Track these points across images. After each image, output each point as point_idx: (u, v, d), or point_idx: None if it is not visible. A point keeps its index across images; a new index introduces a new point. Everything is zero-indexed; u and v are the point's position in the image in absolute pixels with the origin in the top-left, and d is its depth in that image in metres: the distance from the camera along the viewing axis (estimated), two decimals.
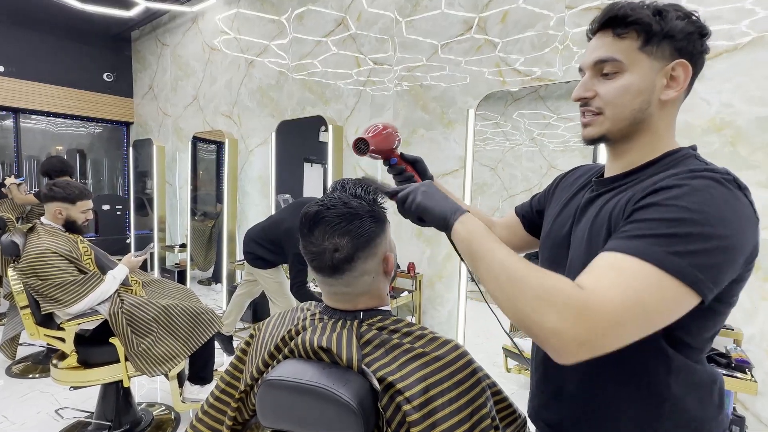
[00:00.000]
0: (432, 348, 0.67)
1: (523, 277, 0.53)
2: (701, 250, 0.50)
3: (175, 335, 1.86)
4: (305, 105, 3.29)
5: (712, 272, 0.51)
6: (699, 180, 0.54)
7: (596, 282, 0.51)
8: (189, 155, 4.14)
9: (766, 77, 1.66)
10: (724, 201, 0.53)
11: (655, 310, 0.50)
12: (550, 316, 0.49)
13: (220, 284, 4.15)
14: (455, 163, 2.53)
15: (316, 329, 0.69)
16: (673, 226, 0.51)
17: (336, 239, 0.68)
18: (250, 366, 0.75)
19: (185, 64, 4.39)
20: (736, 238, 0.52)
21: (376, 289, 0.74)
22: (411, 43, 2.66)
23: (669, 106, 0.64)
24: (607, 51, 0.63)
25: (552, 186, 0.89)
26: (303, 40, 3.25)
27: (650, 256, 0.50)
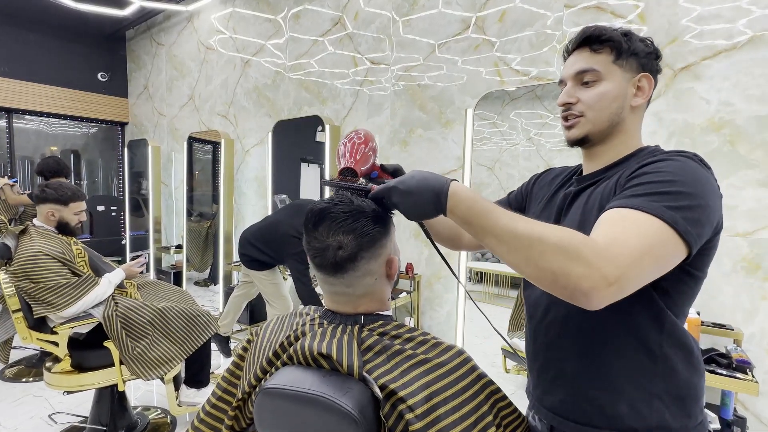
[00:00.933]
0: (435, 354, 0.65)
1: (540, 236, 0.56)
2: (688, 206, 0.59)
3: (170, 338, 1.84)
4: (302, 105, 3.27)
5: (697, 226, 0.59)
6: (678, 156, 0.66)
7: (609, 230, 0.57)
8: (185, 156, 4.11)
9: (765, 75, 1.65)
10: (699, 172, 0.63)
11: (661, 255, 0.58)
12: (577, 267, 0.53)
13: (217, 285, 4.12)
14: (453, 163, 2.51)
15: (316, 335, 0.67)
16: (664, 186, 0.61)
17: (340, 236, 0.67)
18: (247, 373, 0.73)
19: (180, 63, 4.36)
20: (712, 201, 0.62)
21: (378, 292, 0.72)
22: (408, 42, 2.64)
23: (637, 111, 0.75)
24: (586, 63, 0.73)
25: (529, 184, 0.96)
26: (299, 40, 3.22)
27: (651, 209, 0.58)
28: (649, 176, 0.63)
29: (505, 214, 0.60)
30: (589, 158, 0.79)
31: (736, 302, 1.73)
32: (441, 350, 0.66)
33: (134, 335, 1.74)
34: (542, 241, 0.56)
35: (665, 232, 0.57)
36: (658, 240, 0.57)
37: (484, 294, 2.59)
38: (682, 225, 0.57)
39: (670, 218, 0.57)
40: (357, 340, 0.65)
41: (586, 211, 0.72)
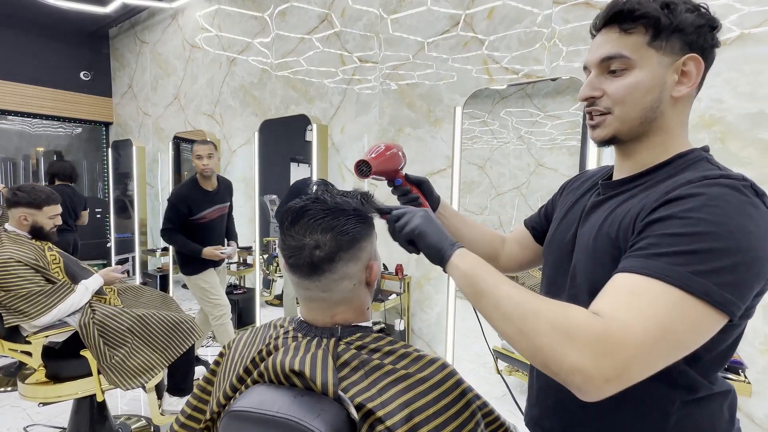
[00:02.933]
0: (416, 369, 0.61)
1: (536, 312, 0.50)
2: (726, 266, 0.47)
3: (151, 346, 1.78)
4: (289, 103, 3.20)
5: (739, 289, 0.48)
6: (715, 188, 0.51)
7: (615, 309, 0.48)
8: (170, 156, 4.02)
9: (756, 72, 1.64)
10: (744, 210, 0.49)
11: (684, 336, 0.47)
12: (570, 354, 0.46)
13: None
14: (443, 162, 2.47)
15: (289, 349, 0.62)
16: (694, 241, 0.48)
17: (318, 235, 0.62)
18: (217, 390, 0.68)
19: (165, 62, 4.26)
20: (761, 249, 0.49)
21: (356, 300, 0.68)
22: (396, 40, 2.60)
23: (681, 103, 0.61)
24: (613, 47, 0.60)
25: (558, 192, 0.87)
26: (286, 37, 3.16)
27: (672, 277, 0.47)
28: (673, 223, 0.50)
29: (505, 281, 0.55)
30: (620, 157, 0.66)
31: None
32: (423, 364, 0.62)
33: (112, 343, 1.68)
34: (537, 316, 0.49)
35: (692, 307, 0.46)
36: (680, 319, 0.46)
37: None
38: (716, 294, 0.46)
39: (699, 288, 0.46)
40: (333, 355, 0.60)
41: (600, 237, 0.61)
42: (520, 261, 0.92)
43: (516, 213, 2.33)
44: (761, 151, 1.65)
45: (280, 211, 2.21)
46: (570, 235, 0.69)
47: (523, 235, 0.91)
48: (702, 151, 0.61)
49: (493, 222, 2.39)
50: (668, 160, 0.60)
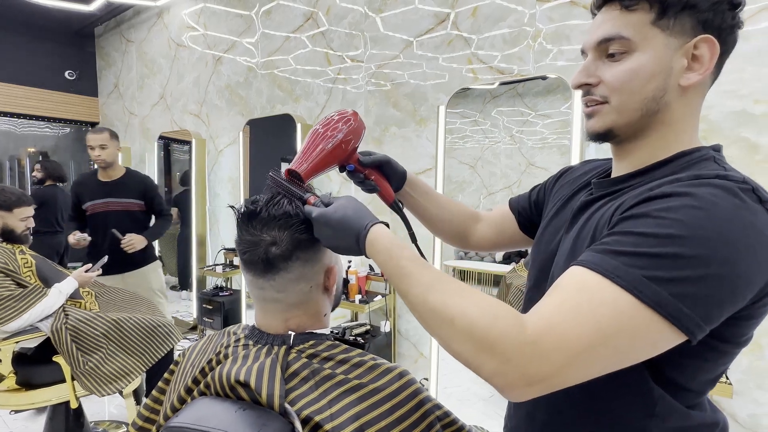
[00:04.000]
0: (370, 378, 0.58)
1: (452, 317, 0.45)
2: (689, 277, 0.41)
3: (127, 351, 1.74)
4: (275, 103, 3.17)
5: (702, 305, 0.42)
6: (706, 188, 0.44)
7: (555, 311, 0.43)
8: (155, 157, 3.96)
9: (738, 70, 1.62)
10: (734, 216, 0.42)
11: (627, 346, 0.42)
12: (489, 360, 0.43)
13: (186, 291, 4.00)
14: (428, 161, 2.45)
15: (237, 359, 0.59)
16: (660, 244, 0.42)
17: (276, 232, 0.60)
18: (167, 401, 0.65)
19: (151, 61, 4.21)
20: (743, 264, 0.42)
21: (313, 304, 0.65)
22: (382, 38, 2.57)
23: (691, 93, 0.53)
24: (612, 27, 0.52)
25: (554, 178, 0.78)
26: (272, 36, 3.12)
27: (624, 279, 0.42)
28: (644, 222, 0.44)
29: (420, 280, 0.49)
30: (616, 156, 0.59)
31: None
32: (378, 373, 0.59)
33: (86, 349, 1.63)
34: (453, 324, 0.45)
35: (640, 316, 0.41)
36: (625, 326, 0.41)
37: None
38: (670, 306, 0.41)
39: (650, 295, 0.41)
40: (282, 364, 0.57)
41: (578, 243, 0.55)
42: (494, 242, 0.87)
43: None
44: (744, 150, 1.64)
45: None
46: (557, 238, 0.63)
47: (505, 218, 0.84)
48: (711, 150, 0.53)
49: None
50: (669, 159, 0.53)
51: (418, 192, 0.85)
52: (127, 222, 2.36)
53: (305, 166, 0.68)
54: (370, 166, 0.77)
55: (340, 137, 0.70)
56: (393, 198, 0.80)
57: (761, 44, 1.58)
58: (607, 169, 0.65)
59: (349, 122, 0.72)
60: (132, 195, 2.41)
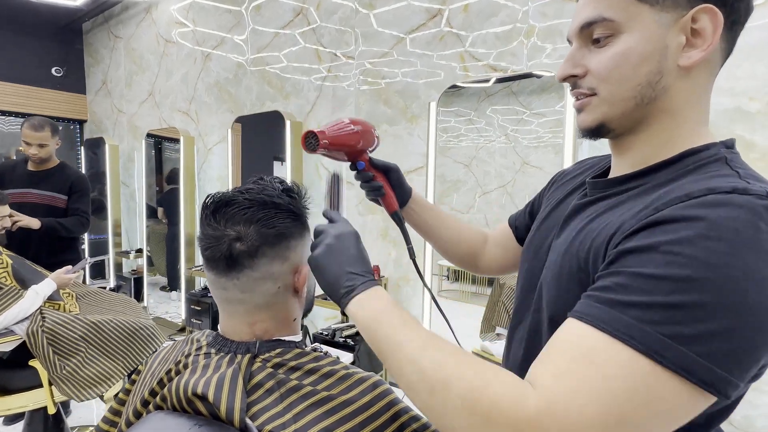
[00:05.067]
0: (341, 389, 0.54)
1: (446, 380, 0.39)
2: (719, 330, 0.33)
3: (108, 354, 1.68)
4: (265, 100, 3.11)
5: (737, 362, 0.34)
6: (722, 209, 0.36)
7: (558, 383, 0.36)
8: (143, 155, 3.90)
9: (733, 67, 1.60)
10: (762, 245, 0.34)
11: (644, 420, 0.35)
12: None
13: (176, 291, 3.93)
14: (420, 159, 2.41)
15: (197, 369, 0.55)
16: (677, 290, 0.34)
17: (241, 226, 0.56)
18: (124, 414, 0.60)
19: (139, 57, 4.13)
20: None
21: (281, 308, 0.60)
22: (372, 34, 2.52)
23: (695, 74, 0.45)
24: (594, 9, 0.46)
25: (548, 186, 0.72)
26: (261, 32, 3.07)
27: (639, 340, 0.34)
28: (654, 259, 0.36)
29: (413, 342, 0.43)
30: (615, 153, 0.53)
31: None
32: (350, 384, 0.55)
33: (63, 352, 1.58)
34: (447, 388, 0.38)
35: (664, 384, 0.34)
36: (645, 399, 0.34)
37: (462, 293, 2.53)
38: (702, 370, 0.34)
39: (677, 361, 0.34)
40: (244, 375, 0.53)
41: (569, 254, 0.48)
42: (501, 264, 0.82)
43: (502, 212, 2.29)
44: (739, 148, 1.60)
45: None
46: (547, 243, 0.57)
47: (505, 235, 0.79)
48: (723, 146, 0.46)
49: (479, 221, 2.35)
50: (675, 158, 0.46)
51: (423, 210, 0.82)
52: (42, 216, 2.09)
53: (326, 135, 0.66)
54: (379, 169, 0.76)
55: (362, 128, 0.71)
56: (396, 208, 0.77)
57: (755, 41, 1.55)
58: (603, 166, 0.58)
59: (369, 125, 0.74)
60: (56, 189, 2.19)
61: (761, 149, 1.57)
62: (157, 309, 3.88)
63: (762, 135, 1.56)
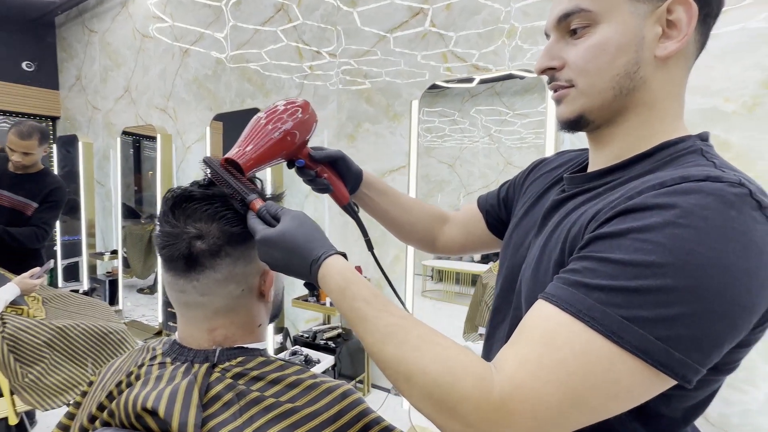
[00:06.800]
0: (307, 401, 0.50)
1: (409, 373, 0.40)
2: (681, 315, 0.34)
3: (74, 360, 1.60)
4: (245, 97, 3.04)
5: (698, 348, 0.35)
6: (694, 196, 0.36)
7: (521, 366, 0.37)
8: (119, 153, 3.77)
9: (709, 67, 1.61)
10: (729, 233, 0.35)
11: (603, 401, 0.36)
12: (451, 425, 0.38)
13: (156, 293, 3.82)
14: (402, 159, 2.38)
15: (149, 381, 0.51)
16: (641, 274, 0.35)
17: (202, 224, 0.52)
18: (72, 431, 0.56)
19: (115, 52, 4.01)
20: (743, 293, 0.35)
21: (244, 312, 0.56)
22: (354, 31, 2.49)
23: (672, 66, 0.46)
24: (572, 0, 0.46)
25: (524, 173, 0.71)
26: (241, 28, 3.00)
27: (601, 322, 0.35)
28: (623, 244, 0.37)
29: (376, 327, 0.43)
30: (593, 146, 0.53)
31: None
32: (317, 394, 0.51)
33: (26, 360, 1.50)
34: (410, 382, 0.39)
35: (623, 365, 0.35)
36: (601, 379, 0.35)
37: (445, 293, 2.52)
38: (660, 353, 0.35)
39: (636, 343, 0.35)
40: (201, 387, 0.48)
41: (547, 251, 0.49)
42: (461, 245, 0.80)
43: None
44: (715, 148, 1.63)
45: None
46: (527, 241, 0.57)
47: (474, 218, 0.78)
48: (698, 139, 0.47)
49: None
50: (650, 151, 0.46)
51: (376, 193, 0.77)
52: (4, 221, 2.02)
53: (247, 157, 0.58)
54: (322, 162, 0.69)
55: (286, 128, 0.61)
56: (348, 199, 0.72)
57: (730, 43, 1.57)
58: (582, 162, 0.58)
59: (296, 113, 0.63)
60: (31, 196, 2.09)
61: (736, 149, 1.59)
62: (134, 312, 3.77)
63: (737, 135, 1.58)
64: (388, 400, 2.39)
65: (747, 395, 1.61)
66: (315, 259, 0.48)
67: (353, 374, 2.40)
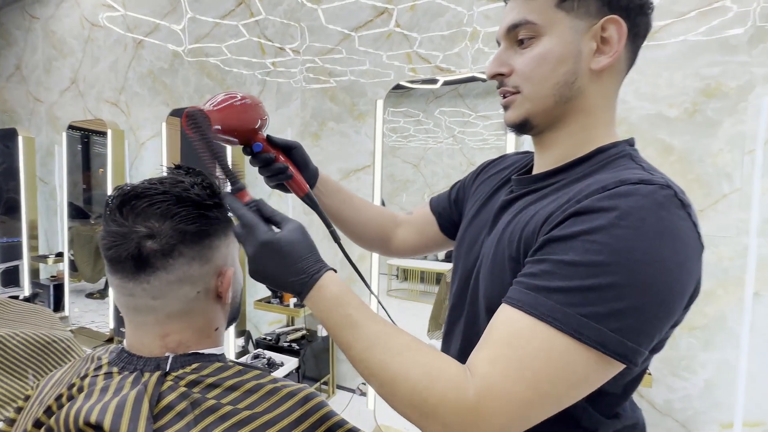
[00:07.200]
0: (266, 407, 0.48)
1: (393, 377, 0.43)
2: (629, 308, 0.39)
3: (13, 372, 1.48)
4: (204, 92, 2.93)
5: (645, 334, 0.40)
6: (632, 199, 0.41)
7: (492, 369, 0.41)
8: (65, 149, 3.53)
9: (655, 75, 1.72)
10: (662, 232, 0.40)
11: (569, 391, 0.41)
12: (431, 427, 0.41)
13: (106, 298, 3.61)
14: (367, 158, 2.38)
15: (93, 393, 0.47)
16: (593, 274, 0.40)
17: (153, 222, 0.48)
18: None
19: (60, 41, 3.74)
20: (677, 283, 0.41)
21: (200, 315, 0.53)
22: (318, 28, 2.45)
23: (605, 78, 0.52)
24: (519, 13, 0.51)
25: (473, 174, 0.75)
26: (200, 21, 2.88)
27: (562, 321, 0.40)
28: (575, 246, 0.41)
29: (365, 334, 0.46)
30: (538, 149, 0.58)
31: None
32: (277, 400, 0.50)
33: None
34: (394, 385, 0.43)
35: (582, 358, 0.39)
36: (566, 373, 0.40)
37: (410, 292, 2.53)
38: (614, 343, 0.39)
39: (594, 337, 0.39)
40: (151, 397, 0.46)
41: (500, 249, 0.52)
42: (414, 246, 0.83)
43: None
44: (659, 151, 1.74)
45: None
46: (480, 239, 0.60)
47: (426, 220, 0.81)
48: (627, 144, 0.53)
49: None
50: (587, 155, 0.52)
51: (331, 191, 0.77)
52: None
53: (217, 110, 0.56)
54: (280, 147, 0.68)
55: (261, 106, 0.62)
56: (307, 189, 0.70)
57: (674, 52, 1.68)
58: (526, 163, 0.63)
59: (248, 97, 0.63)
60: None
61: (679, 152, 1.70)
62: (83, 318, 3.54)
63: (679, 139, 1.70)
64: (353, 400, 2.38)
65: (688, 382, 1.73)
66: (315, 271, 0.49)
67: (318, 376, 2.37)
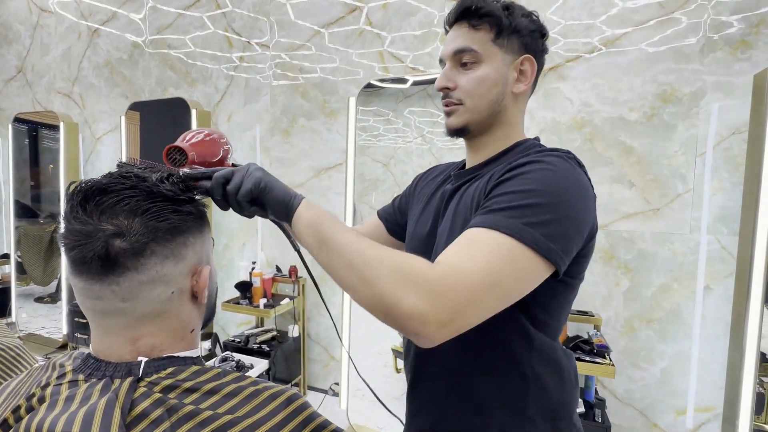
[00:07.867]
0: (248, 410, 0.46)
1: (378, 258, 0.50)
2: (552, 219, 0.53)
3: None
4: (167, 85, 2.81)
5: (562, 241, 0.54)
6: (550, 157, 0.59)
7: (453, 258, 0.51)
8: (10, 142, 3.28)
9: (617, 80, 1.80)
10: (569, 175, 0.57)
11: (512, 281, 0.52)
12: (408, 297, 0.47)
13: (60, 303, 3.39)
14: (339, 156, 2.35)
15: (57, 403, 0.44)
16: (527, 197, 0.54)
17: (121, 219, 0.45)
18: None
19: (5, 26, 3.47)
20: (582, 209, 0.57)
21: (174, 317, 0.50)
22: (288, 24, 2.40)
23: (520, 99, 0.69)
24: (464, 41, 0.65)
25: (412, 186, 0.90)
26: (162, 11, 2.76)
27: (507, 227, 0.52)
28: (512, 184, 0.57)
29: (349, 230, 0.55)
30: (470, 150, 0.73)
31: (596, 290, 1.87)
32: (260, 402, 0.48)
33: None
34: (381, 262, 0.50)
35: (522, 255, 0.51)
36: (511, 265, 0.51)
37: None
38: (543, 244, 0.52)
39: (528, 237, 0.51)
40: (122, 405, 0.43)
41: (457, 214, 0.66)
42: None
43: None
44: (620, 152, 1.82)
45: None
46: (428, 229, 0.73)
47: (376, 228, 0.93)
48: (535, 140, 0.71)
49: None
50: (509, 148, 0.68)
51: None
52: None
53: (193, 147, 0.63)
54: None
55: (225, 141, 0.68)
56: None
57: (633, 59, 1.77)
58: (458, 166, 0.78)
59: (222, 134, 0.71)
60: None
61: (638, 153, 1.79)
62: (31, 324, 3.31)
63: (639, 141, 1.79)
64: (325, 401, 2.36)
65: (646, 372, 1.82)
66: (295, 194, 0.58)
67: (288, 378, 2.32)
